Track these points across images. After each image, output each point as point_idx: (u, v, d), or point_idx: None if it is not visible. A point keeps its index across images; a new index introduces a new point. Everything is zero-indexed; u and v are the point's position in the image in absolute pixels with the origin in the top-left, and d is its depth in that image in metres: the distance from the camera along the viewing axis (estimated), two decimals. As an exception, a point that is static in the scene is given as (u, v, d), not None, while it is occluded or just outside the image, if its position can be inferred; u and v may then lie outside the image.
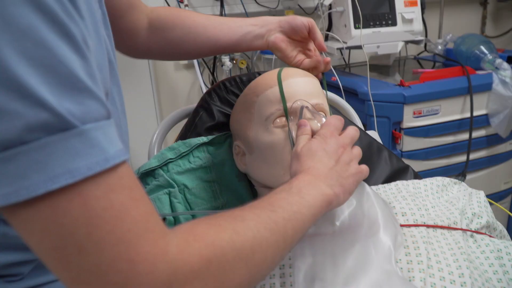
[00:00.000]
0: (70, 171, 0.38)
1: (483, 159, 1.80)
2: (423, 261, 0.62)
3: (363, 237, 0.62)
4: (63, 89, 0.38)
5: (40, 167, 0.37)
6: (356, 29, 1.70)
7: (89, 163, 0.39)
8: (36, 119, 0.37)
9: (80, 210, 0.39)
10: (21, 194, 0.37)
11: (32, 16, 0.37)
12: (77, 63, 0.40)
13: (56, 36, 0.38)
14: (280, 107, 0.75)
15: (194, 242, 0.44)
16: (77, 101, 0.39)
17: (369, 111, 1.57)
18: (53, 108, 0.37)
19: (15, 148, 0.37)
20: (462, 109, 1.68)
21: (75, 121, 0.38)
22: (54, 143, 0.37)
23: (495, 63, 1.72)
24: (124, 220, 0.40)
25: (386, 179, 0.99)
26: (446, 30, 2.19)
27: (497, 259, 0.68)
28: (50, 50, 0.38)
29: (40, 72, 0.37)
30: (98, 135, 0.40)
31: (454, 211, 0.77)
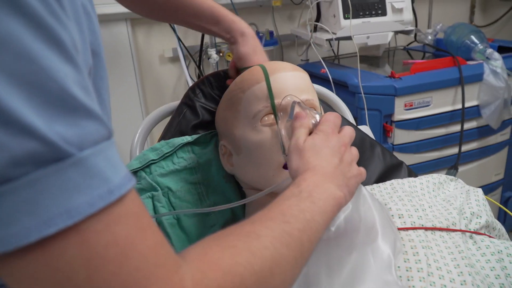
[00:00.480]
0: (68, 210, 0.31)
1: (474, 151, 1.78)
2: (423, 268, 0.59)
3: (360, 244, 0.58)
4: (53, 110, 0.31)
5: (31, 209, 0.31)
6: (345, 19, 1.66)
7: (90, 198, 0.32)
8: (22, 150, 0.30)
9: (78, 250, 0.32)
10: (10, 243, 0.30)
11: (10, 21, 0.30)
12: (69, 75, 0.33)
13: (41, 44, 0.32)
14: (268, 104, 0.71)
15: (209, 271, 0.39)
16: (71, 123, 0.32)
17: (359, 104, 1.54)
18: (42, 134, 0.30)
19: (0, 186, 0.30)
20: (454, 100, 1.65)
21: (70, 148, 0.32)
22: (47, 177, 0.31)
23: (486, 53, 1.69)
24: (131, 257, 0.34)
25: (379, 176, 0.95)
26: (435, 19, 2.16)
27: (498, 261, 0.65)
28: (35, 62, 0.31)
29: (23, 91, 0.30)
30: (98, 162, 0.34)
31: (452, 211, 0.73)
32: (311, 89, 0.76)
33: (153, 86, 1.90)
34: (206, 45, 1.80)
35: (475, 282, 0.59)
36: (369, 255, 0.57)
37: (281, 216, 0.49)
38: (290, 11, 2.01)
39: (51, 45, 0.32)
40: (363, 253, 0.58)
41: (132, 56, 1.75)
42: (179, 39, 1.72)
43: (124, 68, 1.75)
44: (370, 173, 0.96)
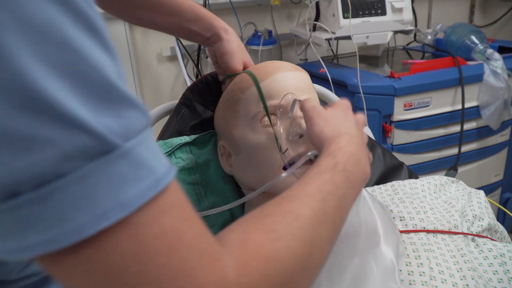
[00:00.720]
0: (121, 203, 0.31)
1: (474, 152, 1.77)
2: (425, 272, 0.57)
3: (362, 249, 0.57)
4: (98, 102, 0.31)
5: (85, 203, 0.30)
6: (344, 19, 1.65)
7: (140, 189, 0.32)
8: (73, 144, 0.29)
9: (129, 243, 0.32)
10: (66, 239, 0.30)
11: (51, 8, 0.29)
12: (108, 64, 0.32)
13: (81, 33, 0.31)
14: (269, 104, 0.70)
15: (251, 260, 0.38)
16: (116, 114, 0.32)
17: (359, 104, 1.53)
18: (92, 128, 0.30)
19: (51, 184, 0.29)
20: (453, 101, 1.64)
21: (117, 139, 0.31)
22: (97, 170, 0.30)
23: (486, 53, 1.68)
24: (178, 248, 0.34)
25: (380, 177, 0.94)
26: (434, 19, 2.15)
27: (501, 265, 0.64)
28: (78, 52, 0.30)
29: (69, 83, 0.30)
30: (143, 152, 0.33)
31: (454, 213, 0.72)
32: (311, 90, 0.75)
33: (151, 85, 1.89)
34: (205, 44, 1.79)
35: (478, 286, 0.58)
36: (371, 262, 0.56)
37: (318, 193, 0.48)
38: (289, 10, 2.00)
39: (91, 33, 0.31)
40: (365, 259, 0.56)
41: (130, 55, 1.74)
42: (177, 37, 1.71)
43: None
44: (371, 174, 0.94)
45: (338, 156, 0.52)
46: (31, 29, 0.28)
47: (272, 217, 0.44)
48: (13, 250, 0.31)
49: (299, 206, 0.46)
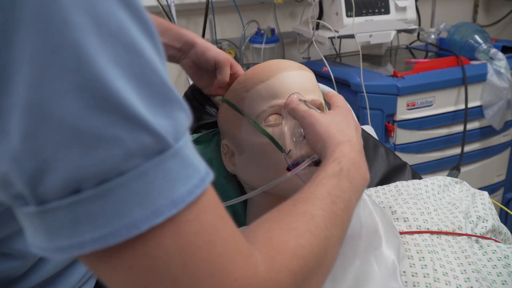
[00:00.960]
0: (173, 200, 0.33)
1: (477, 152, 1.76)
2: (430, 274, 0.57)
3: (363, 251, 0.57)
4: (157, 103, 0.33)
5: (141, 200, 0.32)
6: (348, 17, 1.64)
7: (189, 187, 0.34)
8: (136, 143, 0.31)
9: (174, 238, 0.33)
10: (121, 235, 0.31)
11: (121, 13, 0.31)
12: (163, 67, 0.34)
13: (143, 36, 0.32)
14: (273, 104, 0.69)
15: (278, 256, 0.41)
16: (169, 115, 0.33)
17: (361, 103, 1.52)
18: (154, 127, 0.32)
19: (112, 180, 0.31)
20: (456, 100, 1.64)
21: (170, 139, 0.33)
22: (153, 169, 0.32)
23: (489, 53, 1.68)
24: (216, 244, 0.35)
25: (383, 177, 0.94)
26: (438, 18, 2.14)
27: (505, 267, 0.64)
28: (142, 55, 0.32)
29: (135, 84, 0.31)
30: (189, 152, 0.35)
31: (458, 215, 0.72)
32: (317, 89, 0.74)
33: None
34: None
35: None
36: (373, 263, 0.56)
37: (328, 196, 0.50)
38: (292, 8, 2.00)
39: (149, 38, 0.33)
40: (367, 260, 0.56)
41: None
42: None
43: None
44: (373, 174, 0.94)
45: (343, 163, 0.55)
46: (106, 31, 0.30)
47: (292, 216, 0.46)
48: (63, 248, 0.31)
49: (313, 207, 0.48)
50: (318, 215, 0.47)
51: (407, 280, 0.57)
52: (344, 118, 0.62)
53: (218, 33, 1.81)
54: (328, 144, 0.58)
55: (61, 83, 0.29)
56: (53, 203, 0.31)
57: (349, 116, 0.64)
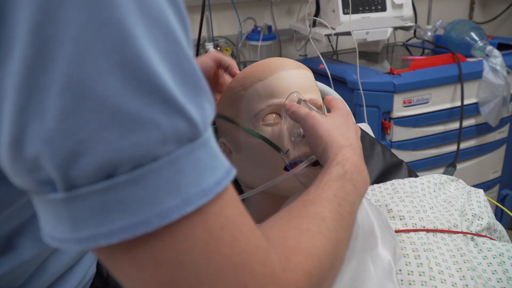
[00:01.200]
0: (203, 190, 0.32)
1: (472, 149, 1.77)
2: (425, 272, 0.58)
3: (359, 251, 0.57)
4: (190, 91, 0.32)
5: (173, 188, 0.31)
6: (345, 15, 1.64)
7: (217, 178, 0.33)
8: (172, 128, 0.30)
9: (201, 231, 0.32)
10: (152, 223, 0.30)
11: (165, 4, 0.31)
12: (193, 57, 0.34)
13: (179, 25, 0.32)
14: (271, 103, 0.69)
15: (293, 256, 0.41)
16: (200, 104, 0.33)
17: (358, 101, 1.53)
18: (189, 114, 0.31)
19: (146, 166, 0.30)
20: (453, 97, 1.64)
21: (201, 128, 0.33)
22: (185, 156, 0.31)
23: (485, 50, 1.68)
24: (240, 239, 0.35)
25: (379, 175, 0.94)
26: (434, 15, 2.14)
27: (500, 264, 0.64)
28: (178, 43, 0.32)
29: (172, 70, 0.31)
30: (213, 144, 0.34)
31: (453, 213, 0.72)
32: (315, 88, 0.74)
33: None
34: (204, 39, 1.78)
35: (477, 286, 0.58)
36: (369, 263, 0.56)
37: (335, 198, 0.51)
38: (289, 5, 1.99)
39: (183, 26, 0.33)
40: (363, 261, 0.56)
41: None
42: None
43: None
44: (370, 172, 0.94)
45: (346, 166, 0.55)
46: (148, 14, 0.30)
47: (303, 218, 0.46)
48: (88, 238, 0.30)
49: (322, 209, 0.48)
50: (327, 217, 0.47)
51: (402, 279, 0.58)
52: (344, 121, 0.63)
53: (215, 30, 1.81)
54: (330, 147, 0.58)
55: (104, 61, 0.28)
56: (84, 189, 0.29)
57: (349, 119, 0.64)
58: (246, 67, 0.76)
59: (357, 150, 0.59)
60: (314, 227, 0.45)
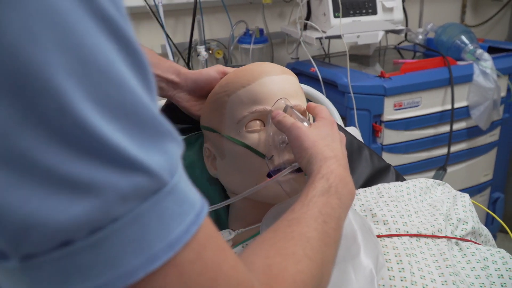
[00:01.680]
0: (170, 243, 0.31)
1: (463, 152, 1.78)
2: (407, 277, 0.58)
3: (341, 260, 0.57)
4: (150, 139, 0.31)
5: (137, 246, 0.29)
6: (335, 18, 1.64)
7: (185, 225, 0.32)
8: (130, 185, 0.29)
9: (177, 280, 0.31)
10: (116, 284, 0.29)
11: (109, 48, 0.29)
12: (152, 100, 0.32)
13: (133, 70, 0.30)
14: (254, 110, 0.68)
15: (277, 284, 0.40)
16: (163, 149, 0.31)
17: (349, 104, 1.53)
18: (148, 166, 0.29)
19: (105, 228, 0.28)
20: (443, 101, 1.65)
21: (166, 176, 0.31)
22: (149, 211, 0.30)
23: (475, 54, 1.69)
24: (220, 281, 0.34)
25: (367, 179, 0.94)
26: (426, 19, 2.15)
27: (484, 269, 0.64)
28: (132, 92, 0.30)
29: (125, 123, 0.29)
30: (183, 186, 0.33)
31: (438, 217, 0.72)
32: (300, 94, 0.73)
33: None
34: (195, 42, 1.78)
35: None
36: (350, 272, 0.56)
37: (320, 216, 0.50)
38: (281, 9, 2.00)
39: (138, 70, 0.31)
40: (344, 269, 0.56)
41: (120, 52, 1.72)
42: (167, 35, 1.70)
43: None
44: (357, 177, 0.95)
45: (331, 179, 0.55)
46: (91, 71, 0.28)
47: (288, 240, 0.46)
48: None
49: (307, 228, 0.48)
50: (313, 237, 0.47)
51: (384, 284, 0.58)
52: (329, 131, 0.62)
53: (207, 33, 1.81)
54: (315, 159, 0.57)
55: (43, 131, 0.27)
56: (40, 258, 0.28)
57: (334, 128, 0.63)
58: (231, 72, 0.75)
59: (342, 161, 0.58)
60: (300, 250, 0.45)
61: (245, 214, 0.74)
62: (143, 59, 0.32)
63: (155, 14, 1.66)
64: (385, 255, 0.62)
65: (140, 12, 1.70)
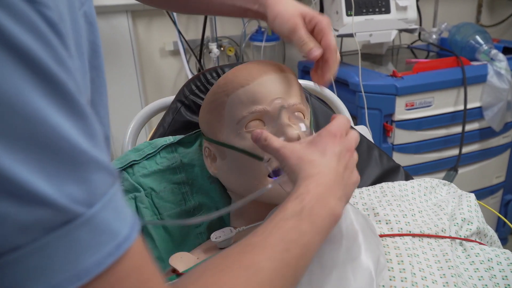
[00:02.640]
0: (77, 274, 0.30)
1: (475, 153, 1.76)
2: (407, 278, 0.57)
3: (341, 263, 0.56)
4: (63, 171, 0.30)
5: (40, 275, 0.29)
6: (348, 16, 1.64)
7: (99, 257, 0.31)
8: (31, 217, 0.28)
9: None
10: None
11: (18, 78, 0.28)
12: (76, 127, 0.31)
13: (49, 100, 0.29)
14: (253, 110, 0.68)
15: None
16: (81, 180, 0.31)
17: (360, 103, 1.52)
18: (52, 201, 0.29)
19: (5, 256, 0.28)
20: (456, 101, 1.63)
21: (80, 208, 0.30)
22: (56, 241, 0.29)
23: (490, 54, 1.67)
24: None
25: (375, 180, 0.94)
26: (441, 18, 2.13)
27: (487, 270, 0.63)
28: (45, 123, 0.29)
29: (34, 156, 0.28)
30: (107, 215, 0.32)
31: (442, 217, 0.72)
32: (298, 92, 0.72)
33: (153, 80, 1.89)
34: (207, 39, 1.79)
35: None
36: (349, 275, 0.55)
37: (282, 243, 0.47)
38: (294, 7, 1.99)
39: (58, 99, 0.30)
40: (344, 272, 0.55)
41: (133, 49, 1.74)
42: (179, 32, 1.71)
43: (124, 60, 1.74)
44: (366, 177, 0.94)
45: (306, 200, 0.50)
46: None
47: (234, 270, 0.43)
48: None
49: (261, 257, 0.45)
50: (265, 268, 0.44)
51: (384, 284, 0.57)
52: (322, 144, 0.56)
53: (219, 30, 1.81)
54: (298, 177, 0.54)
55: None
56: None
57: (332, 142, 0.56)
58: (229, 71, 0.75)
59: (326, 178, 0.53)
60: (242, 282, 0.42)
61: (247, 212, 0.74)
62: (67, 88, 0.30)
63: (167, 11, 1.67)
64: (386, 255, 0.61)
65: (153, 9, 1.71)
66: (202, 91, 0.95)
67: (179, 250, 0.76)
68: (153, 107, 1.01)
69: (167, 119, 0.93)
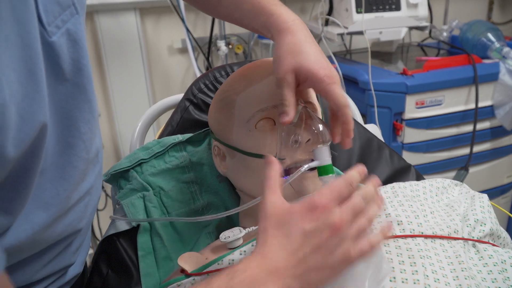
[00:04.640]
0: None
1: (486, 152, 1.74)
2: (420, 280, 0.56)
3: None
4: None
5: None
6: (358, 14, 1.62)
7: None
8: None
9: None
10: None
11: None
12: None
13: None
14: (263, 108, 0.67)
15: None
16: None
17: (369, 101, 1.51)
18: None
19: None
20: (467, 100, 1.61)
21: None
22: None
23: (502, 52, 1.64)
24: None
25: (386, 180, 0.93)
26: (451, 15, 2.11)
27: (501, 272, 0.62)
28: None
29: None
30: None
31: (455, 217, 0.70)
32: (311, 91, 0.72)
33: (161, 78, 1.89)
34: (216, 36, 1.78)
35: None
36: None
37: None
38: (302, 4, 1.98)
39: None
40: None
41: (141, 46, 1.74)
42: (187, 29, 1.70)
43: (132, 58, 1.73)
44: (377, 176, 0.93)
45: (237, 279, 0.45)
46: None
47: None
48: None
49: None
50: None
51: (396, 287, 0.56)
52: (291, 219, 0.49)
53: (227, 28, 1.80)
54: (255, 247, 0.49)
55: None
56: None
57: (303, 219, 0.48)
58: (238, 70, 0.74)
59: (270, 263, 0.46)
60: None
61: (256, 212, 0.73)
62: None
63: (176, 8, 1.66)
64: (398, 256, 0.60)
65: (161, 6, 1.71)
66: (211, 90, 0.94)
67: (187, 249, 0.75)
68: (161, 105, 1.00)
69: (176, 117, 0.93)
